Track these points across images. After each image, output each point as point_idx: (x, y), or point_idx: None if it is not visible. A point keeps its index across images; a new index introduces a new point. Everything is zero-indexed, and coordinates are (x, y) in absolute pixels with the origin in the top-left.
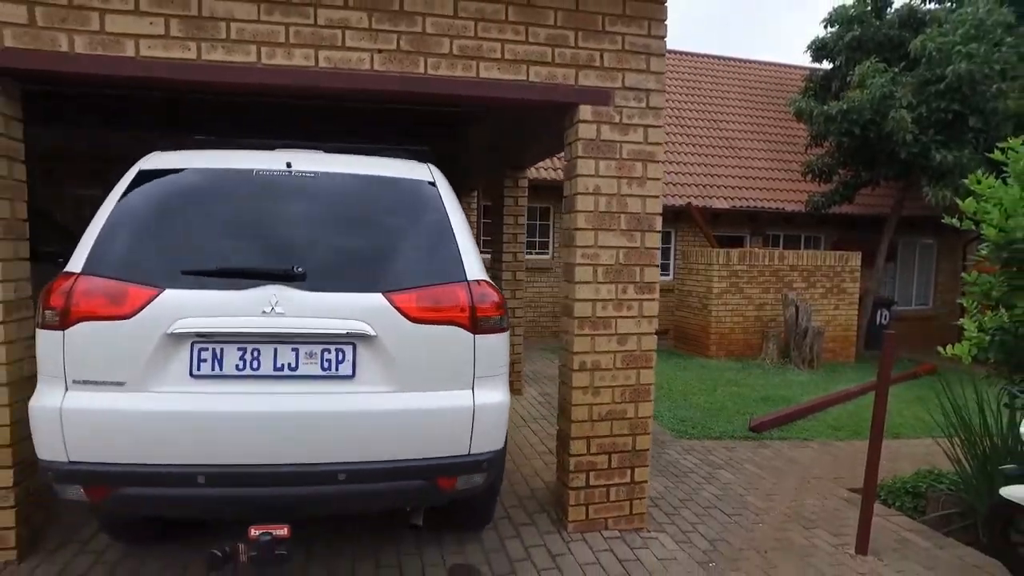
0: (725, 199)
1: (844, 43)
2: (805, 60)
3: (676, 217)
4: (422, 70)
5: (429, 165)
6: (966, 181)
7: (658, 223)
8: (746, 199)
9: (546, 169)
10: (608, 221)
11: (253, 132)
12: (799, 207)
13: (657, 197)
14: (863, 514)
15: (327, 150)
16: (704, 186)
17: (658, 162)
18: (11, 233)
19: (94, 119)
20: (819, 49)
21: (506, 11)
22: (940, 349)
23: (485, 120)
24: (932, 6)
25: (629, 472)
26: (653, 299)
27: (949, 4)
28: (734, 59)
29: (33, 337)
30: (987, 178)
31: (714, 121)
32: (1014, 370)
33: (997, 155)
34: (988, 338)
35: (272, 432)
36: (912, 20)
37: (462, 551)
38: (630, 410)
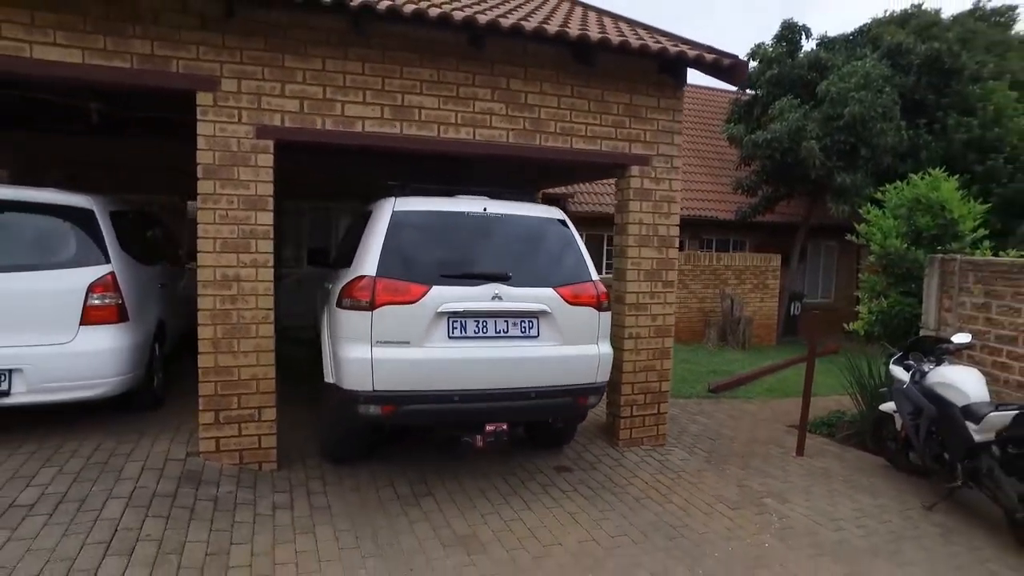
0: None
1: (765, 79)
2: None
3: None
4: (537, 142)
5: (560, 209)
6: (861, 211)
7: (676, 242)
8: (687, 209)
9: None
10: (647, 241)
11: (433, 178)
12: (730, 216)
13: (677, 225)
14: (800, 432)
15: (491, 195)
16: None
17: (677, 202)
18: (268, 234)
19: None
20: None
21: (588, 105)
22: (845, 325)
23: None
24: (828, 54)
25: (656, 406)
26: (673, 291)
27: (842, 56)
28: None
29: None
30: (873, 208)
31: None
32: (889, 338)
33: (878, 195)
34: (874, 318)
35: (494, 369)
36: (817, 65)
37: (556, 458)
38: (658, 364)
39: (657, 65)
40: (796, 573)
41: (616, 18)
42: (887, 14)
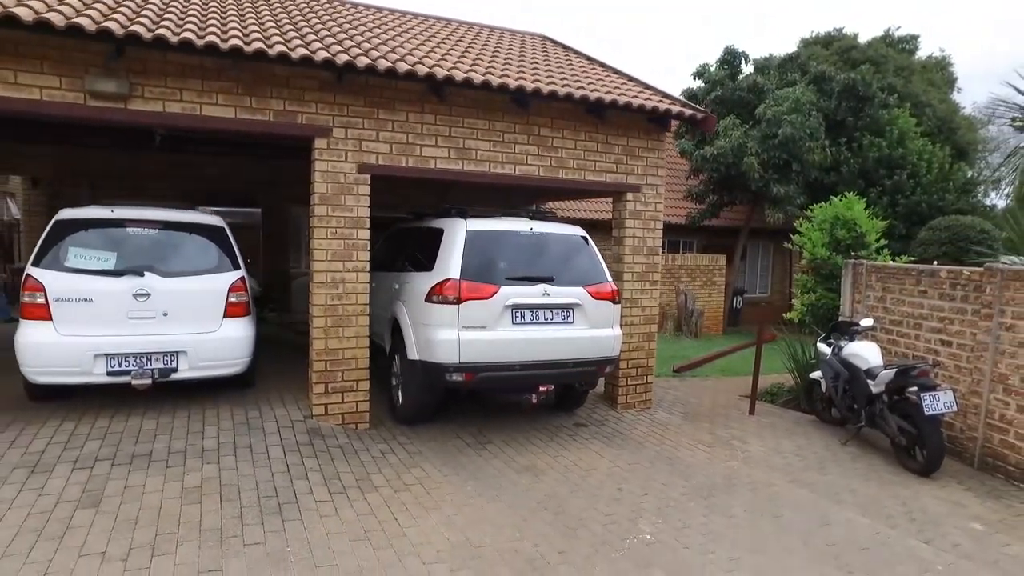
0: None
1: (710, 98)
2: None
3: (593, 227)
4: (560, 175)
5: (581, 228)
6: (795, 223)
7: (659, 250)
8: None
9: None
10: (638, 250)
11: (481, 200)
12: (681, 220)
13: (660, 237)
14: (752, 397)
15: (532, 216)
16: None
17: (660, 220)
18: (366, 247)
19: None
20: (690, 97)
21: (597, 147)
22: (784, 315)
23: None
24: (763, 78)
25: (645, 378)
26: (657, 288)
27: (775, 82)
28: None
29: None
30: (805, 223)
31: None
32: (818, 324)
33: (809, 212)
34: (805, 308)
35: (544, 345)
36: (755, 88)
37: (571, 417)
38: (646, 345)
39: (647, 117)
40: (757, 480)
41: (619, 74)
42: (813, 35)
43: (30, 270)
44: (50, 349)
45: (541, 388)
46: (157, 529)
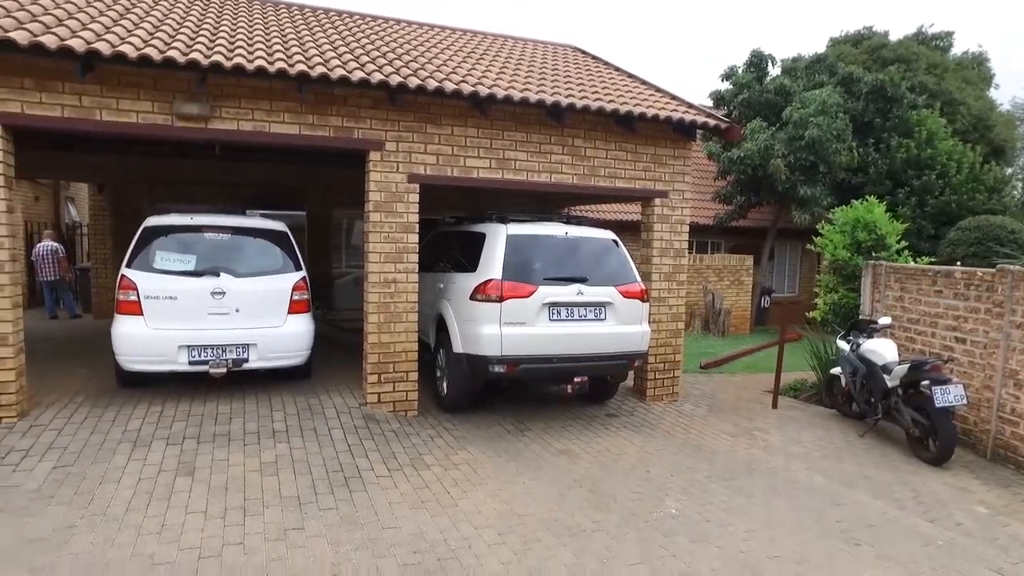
0: None
1: (737, 101)
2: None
3: (622, 228)
4: (592, 183)
5: (612, 232)
6: (819, 224)
7: (686, 252)
8: None
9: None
10: (665, 252)
11: (511, 202)
12: (709, 221)
13: (686, 240)
14: (775, 394)
15: (566, 221)
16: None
17: (686, 224)
18: (415, 249)
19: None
20: (718, 99)
21: (626, 155)
22: (807, 314)
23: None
24: (791, 80)
25: (672, 372)
26: (683, 288)
27: (803, 83)
28: None
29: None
30: (827, 225)
31: None
32: (839, 322)
33: (832, 214)
34: (828, 308)
35: (578, 340)
36: (782, 91)
37: (603, 408)
38: (673, 341)
39: (674, 127)
40: (776, 466)
41: (647, 85)
42: (842, 34)
43: (124, 271)
44: (141, 340)
45: (576, 379)
46: (244, 495)
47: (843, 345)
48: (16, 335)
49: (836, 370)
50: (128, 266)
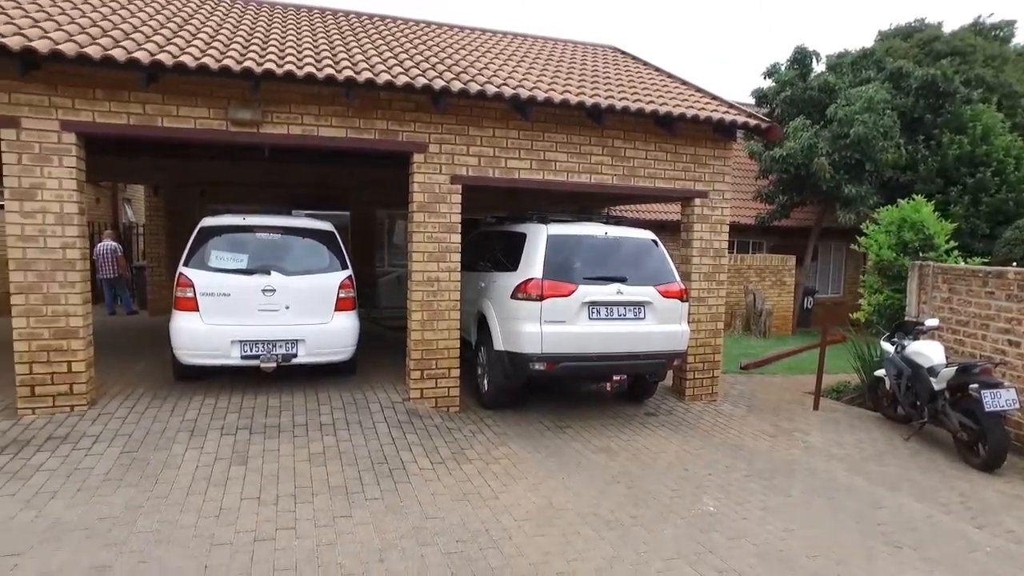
0: None
1: (780, 99)
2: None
3: (661, 227)
4: (632, 183)
5: (652, 232)
6: (863, 226)
7: (725, 252)
8: None
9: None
10: (705, 252)
11: (547, 201)
12: (750, 221)
13: (726, 240)
14: (816, 391)
15: (606, 221)
16: None
17: (726, 224)
18: (458, 249)
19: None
20: (760, 97)
21: (666, 157)
22: (851, 315)
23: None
24: (836, 78)
25: (711, 372)
26: (723, 288)
27: (848, 79)
28: None
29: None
30: (871, 224)
31: None
32: (884, 323)
33: (876, 214)
34: (872, 308)
35: (618, 339)
36: (827, 88)
37: (642, 407)
38: (712, 341)
39: (714, 128)
40: (816, 467)
41: (686, 85)
42: (891, 27)
43: (182, 269)
44: (198, 335)
45: (615, 377)
46: (295, 483)
47: (888, 347)
48: (86, 328)
49: (880, 372)
50: (186, 265)
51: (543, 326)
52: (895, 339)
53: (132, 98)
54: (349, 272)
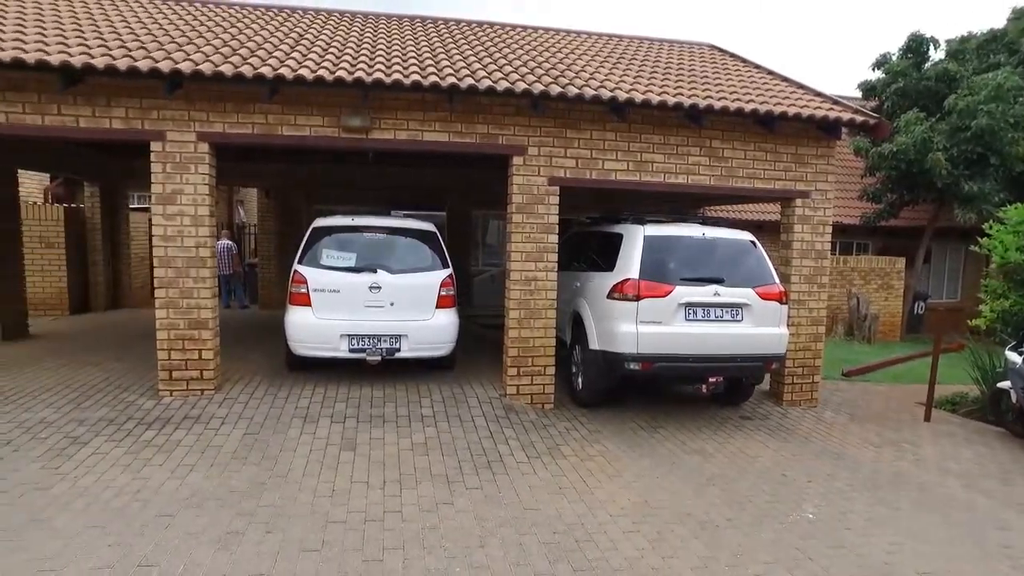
0: None
1: (891, 91)
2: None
3: (759, 228)
4: (730, 184)
5: (751, 234)
6: (984, 226)
7: (828, 254)
8: None
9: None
10: (806, 253)
11: (639, 201)
12: (854, 221)
13: (828, 241)
14: (928, 405)
15: (702, 222)
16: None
17: (829, 225)
18: (555, 249)
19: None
20: (868, 90)
21: (766, 156)
22: (969, 321)
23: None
24: (958, 65)
25: (811, 377)
26: (825, 291)
27: (972, 66)
28: None
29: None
30: (996, 224)
31: None
32: (1011, 331)
33: (1002, 213)
34: (995, 315)
35: (714, 341)
36: (946, 77)
37: (737, 410)
38: (813, 346)
39: (817, 126)
40: (927, 481)
41: (788, 81)
42: None
43: (297, 267)
44: (310, 328)
45: (711, 379)
46: (400, 471)
47: (1014, 357)
48: (214, 320)
49: (1004, 384)
50: (300, 262)
51: (639, 326)
52: (1022, 349)
53: (256, 109)
54: (450, 271)
